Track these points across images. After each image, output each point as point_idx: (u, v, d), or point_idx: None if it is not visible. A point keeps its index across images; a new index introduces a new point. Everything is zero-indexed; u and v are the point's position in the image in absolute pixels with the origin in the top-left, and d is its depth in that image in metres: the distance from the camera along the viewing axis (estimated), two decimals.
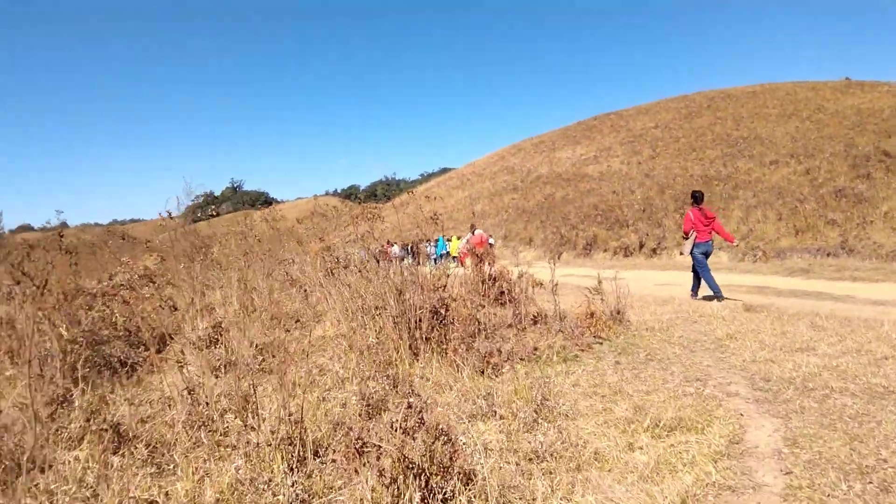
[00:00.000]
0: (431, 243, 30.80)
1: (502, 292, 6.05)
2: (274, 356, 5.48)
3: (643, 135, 44.60)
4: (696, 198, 9.01)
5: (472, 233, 16.00)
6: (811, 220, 15.58)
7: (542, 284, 5.98)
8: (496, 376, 4.06)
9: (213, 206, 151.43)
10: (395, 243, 35.26)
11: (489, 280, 6.10)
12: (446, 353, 4.31)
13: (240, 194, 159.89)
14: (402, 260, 19.06)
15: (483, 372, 4.08)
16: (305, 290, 6.62)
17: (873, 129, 27.49)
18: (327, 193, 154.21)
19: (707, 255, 8.75)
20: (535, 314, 5.19)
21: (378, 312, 4.88)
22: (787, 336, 4.92)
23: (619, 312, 5.49)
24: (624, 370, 4.11)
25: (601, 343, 4.94)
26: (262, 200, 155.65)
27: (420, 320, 4.52)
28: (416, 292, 4.79)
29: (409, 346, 4.53)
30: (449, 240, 28.12)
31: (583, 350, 4.55)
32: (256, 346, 5.75)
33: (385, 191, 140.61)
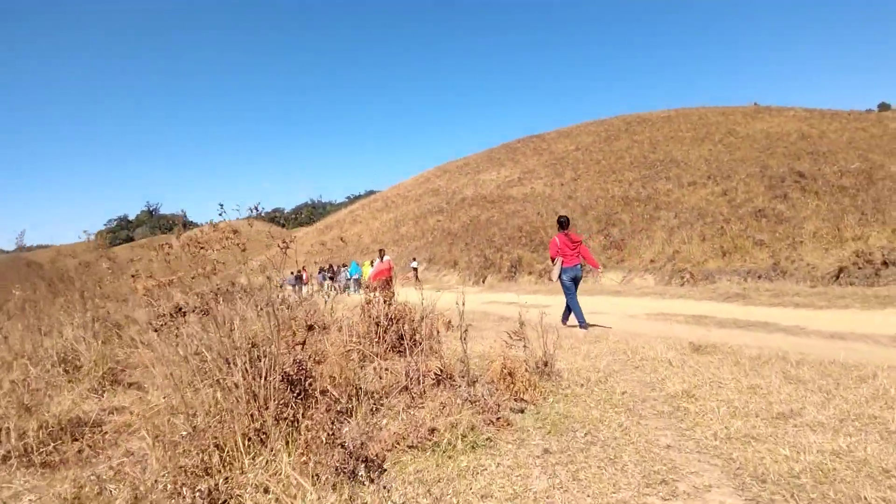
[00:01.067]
0: (345, 268, 29.20)
1: (401, 337, 4.71)
2: (77, 439, 3.93)
3: (565, 157, 44.90)
4: (562, 223, 8.87)
5: (381, 259, 14.78)
6: (739, 241, 15.18)
7: (451, 325, 4.70)
8: (371, 481, 2.71)
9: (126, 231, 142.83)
10: (299, 271, 33.41)
11: (386, 321, 4.75)
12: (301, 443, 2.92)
13: (156, 218, 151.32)
14: (322, 285, 17.48)
15: (354, 474, 2.73)
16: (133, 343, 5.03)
17: (783, 152, 28.35)
18: (251, 216, 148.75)
19: (576, 279, 8.60)
20: (439, 371, 3.88)
21: (221, 379, 3.44)
22: (759, 393, 3.82)
23: (546, 364, 4.26)
24: (556, 465, 2.84)
25: (524, 410, 3.67)
26: (180, 224, 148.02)
27: (274, 393, 3.13)
28: (280, 347, 3.41)
29: (259, 429, 3.12)
30: (362, 264, 26.65)
31: (500, 427, 3.26)
32: (69, 420, 4.18)
33: (311, 213, 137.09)
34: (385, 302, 5.03)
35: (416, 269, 30.59)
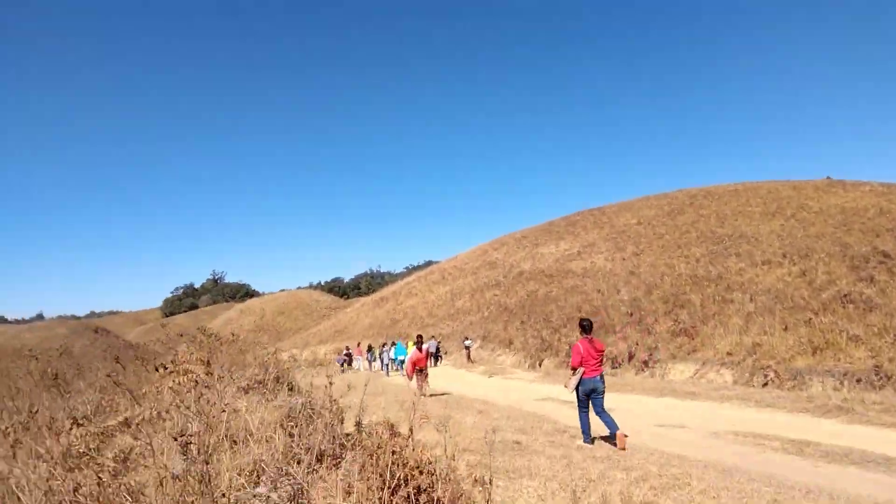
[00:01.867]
0: (388, 348, 28.45)
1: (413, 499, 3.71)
2: None
3: (626, 231, 43.69)
4: (585, 327, 8.13)
5: (418, 346, 14.12)
6: (830, 335, 13.53)
7: (488, 483, 3.73)
8: None
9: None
10: (348, 348, 32.88)
11: (392, 479, 3.76)
12: None
13: (221, 286, 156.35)
14: (371, 365, 17.07)
15: None
16: None
17: (860, 229, 26.52)
18: (311, 286, 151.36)
19: (594, 392, 7.83)
20: None
21: None
22: None
23: None
24: None
25: None
26: (243, 293, 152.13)
27: None
28: None
29: None
30: (407, 344, 25.78)
31: None
32: None
33: (369, 284, 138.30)
34: (394, 452, 4.04)
35: (468, 349, 29.59)
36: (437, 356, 30.99)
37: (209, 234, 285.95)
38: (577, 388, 7.89)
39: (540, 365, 22.41)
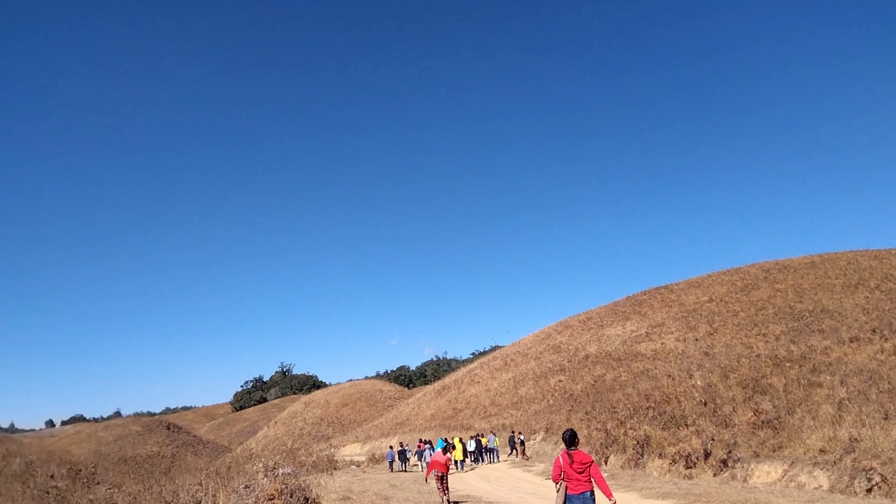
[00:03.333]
0: (429, 447, 27.04)
1: None
2: None
3: (697, 309, 41.42)
4: (566, 440, 7.42)
5: (444, 448, 13.68)
6: None
7: None
8: None
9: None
10: (402, 445, 31.56)
11: None
12: None
13: (288, 378, 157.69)
14: (420, 457, 16.67)
15: None
16: None
17: None
18: (377, 375, 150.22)
19: None
20: None
21: None
22: None
23: None
24: None
25: None
26: (310, 384, 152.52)
27: None
28: None
29: None
30: (448, 442, 24.25)
31: None
32: None
33: (435, 371, 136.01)
34: None
35: (523, 444, 27.99)
36: (494, 451, 29.55)
37: (278, 325, 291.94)
38: None
39: (606, 462, 20.45)
